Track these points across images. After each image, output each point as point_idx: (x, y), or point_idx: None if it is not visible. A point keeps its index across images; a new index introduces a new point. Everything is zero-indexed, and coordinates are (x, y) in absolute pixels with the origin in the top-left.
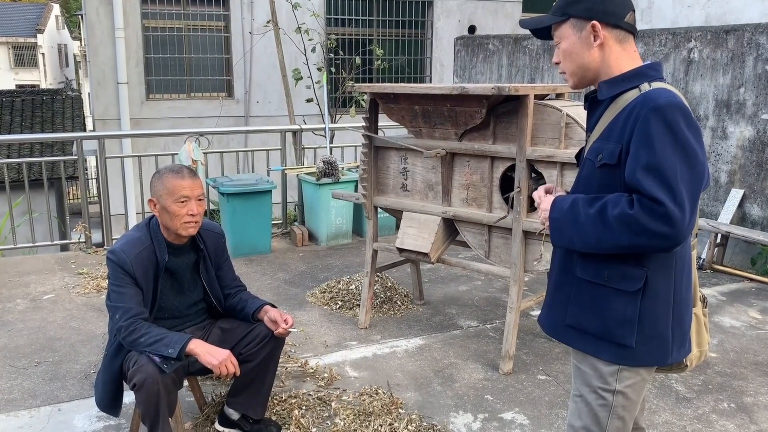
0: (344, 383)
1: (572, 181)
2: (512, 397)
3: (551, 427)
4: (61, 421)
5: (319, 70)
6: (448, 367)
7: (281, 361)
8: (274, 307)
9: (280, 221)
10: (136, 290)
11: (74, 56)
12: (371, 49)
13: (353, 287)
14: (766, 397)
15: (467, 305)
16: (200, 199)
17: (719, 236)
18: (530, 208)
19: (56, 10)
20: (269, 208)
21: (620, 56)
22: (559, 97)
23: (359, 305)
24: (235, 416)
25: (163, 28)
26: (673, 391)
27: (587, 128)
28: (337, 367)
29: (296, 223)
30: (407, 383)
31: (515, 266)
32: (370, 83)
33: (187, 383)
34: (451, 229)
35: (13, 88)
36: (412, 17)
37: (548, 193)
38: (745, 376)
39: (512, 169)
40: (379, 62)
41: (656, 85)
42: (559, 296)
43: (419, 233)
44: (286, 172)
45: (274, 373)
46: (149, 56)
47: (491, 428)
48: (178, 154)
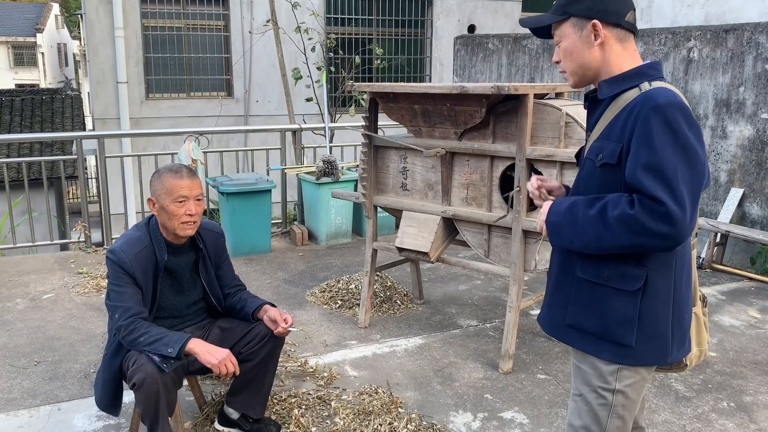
0: (344, 382)
1: (572, 180)
2: (512, 396)
3: (551, 426)
4: (60, 420)
5: (318, 69)
6: (447, 366)
7: (281, 360)
8: (273, 306)
9: (279, 220)
10: (135, 290)
11: (74, 55)
12: (371, 48)
13: (353, 286)
14: (765, 396)
15: (467, 304)
16: (199, 199)
17: (719, 235)
18: (530, 207)
19: (56, 9)
20: (269, 207)
21: (621, 55)
22: (558, 96)
23: (359, 304)
24: (234, 415)
25: (162, 27)
26: (672, 390)
27: (587, 127)
28: (336, 366)
29: (296, 222)
30: (407, 382)
31: (515, 265)
32: (369, 82)
33: (186, 382)
34: (450, 228)
35: (12, 87)
36: (411, 16)
37: (541, 182)
38: (744, 375)
39: (512, 168)
40: (378, 61)
41: (656, 84)
42: (558, 296)
43: (419, 232)
44: (285, 171)
45: (273, 372)
46: (149, 55)
47: (491, 427)
48: (177, 153)
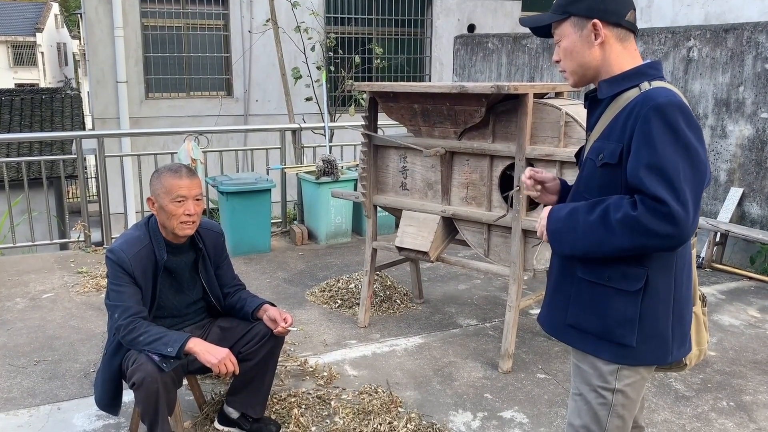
0: (344, 382)
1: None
2: (511, 395)
3: (550, 425)
4: (60, 419)
5: (318, 68)
6: (447, 365)
7: (280, 359)
8: (273, 305)
9: (279, 220)
10: (135, 289)
11: (73, 55)
12: (370, 47)
13: (353, 286)
14: (764, 395)
15: (466, 304)
16: (198, 198)
17: (718, 235)
18: (529, 206)
19: (55, 8)
20: (268, 206)
21: (621, 55)
22: (558, 95)
23: (359, 304)
24: (234, 415)
25: (162, 26)
26: (672, 389)
27: (587, 127)
28: (336, 365)
29: (296, 221)
30: (406, 382)
31: (514, 265)
32: (369, 82)
33: (186, 382)
34: (450, 227)
35: (12, 87)
36: (411, 16)
37: (534, 173)
38: (744, 374)
39: (511, 167)
40: (378, 61)
41: (656, 84)
42: (559, 296)
43: (419, 232)
44: (285, 170)
45: (273, 371)
46: (148, 55)
47: (490, 427)
48: (177, 152)
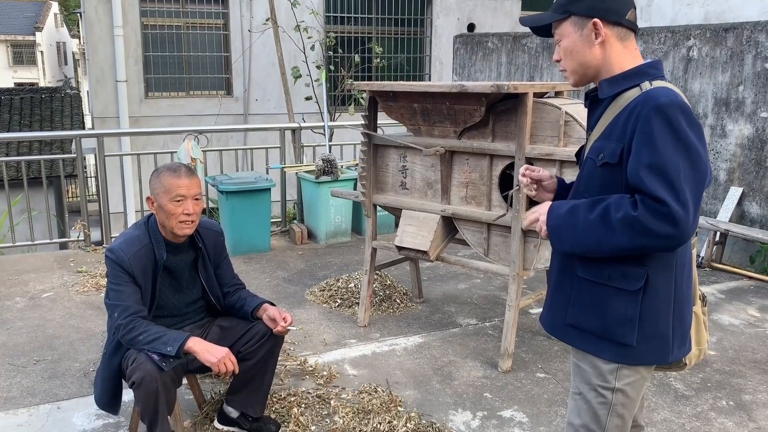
0: (343, 381)
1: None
2: (511, 395)
3: (550, 425)
4: (60, 419)
5: (318, 68)
6: (447, 365)
7: (280, 359)
8: (273, 305)
9: (279, 219)
10: (134, 288)
11: (73, 54)
12: (370, 47)
13: (352, 285)
14: (764, 394)
15: (466, 303)
16: (197, 198)
17: (718, 234)
18: (529, 206)
19: (55, 8)
20: (268, 206)
21: (621, 54)
22: (558, 95)
23: (358, 303)
24: (234, 414)
25: (162, 26)
26: (671, 388)
27: (588, 127)
28: (336, 365)
29: (295, 221)
30: (406, 381)
31: (514, 264)
32: (369, 81)
33: (186, 381)
34: (450, 227)
35: (11, 86)
36: (411, 15)
37: (529, 171)
38: (743, 373)
39: (511, 167)
40: (378, 60)
41: (657, 83)
42: (559, 296)
43: (418, 231)
44: (285, 170)
45: (273, 371)
46: (148, 54)
47: (490, 426)
48: (177, 152)
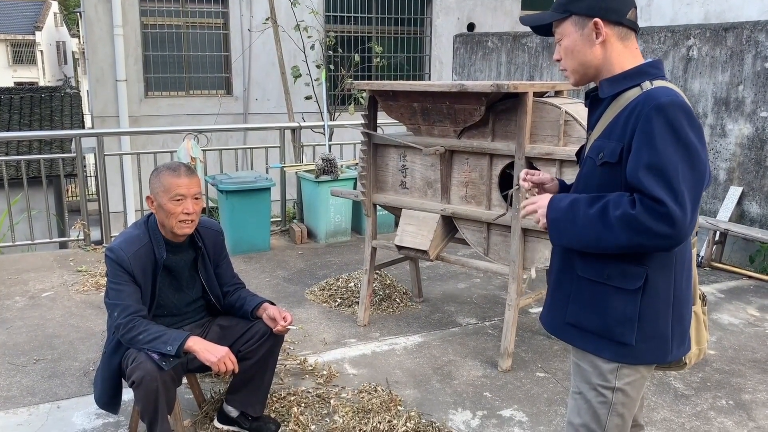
0: (343, 380)
1: (571, 179)
2: (511, 394)
3: (550, 424)
4: (60, 418)
5: (318, 67)
6: (446, 364)
7: (280, 358)
8: (272, 304)
9: (279, 219)
10: (134, 288)
11: (73, 53)
12: (370, 46)
13: (352, 285)
14: (764, 394)
15: (466, 303)
16: (197, 197)
17: (718, 234)
18: None
19: (55, 7)
20: (268, 205)
21: (622, 54)
22: (558, 94)
23: (358, 303)
24: (234, 413)
25: (161, 25)
26: (671, 388)
27: (588, 126)
28: (336, 364)
29: (295, 220)
30: (406, 380)
31: (514, 263)
32: (369, 81)
33: (185, 380)
34: (450, 226)
35: (11, 85)
36: (411, 14)
37: (529, 175)
38: (743, 373)
39: (511, 166)
40: (378, 60)
41: (658, 83)
42: (558, 295)
43: (418, 231)
44: (285, 169)
45: (273, 370)
46: (148, 53)
47: (490, 425)
48: (176, 151)
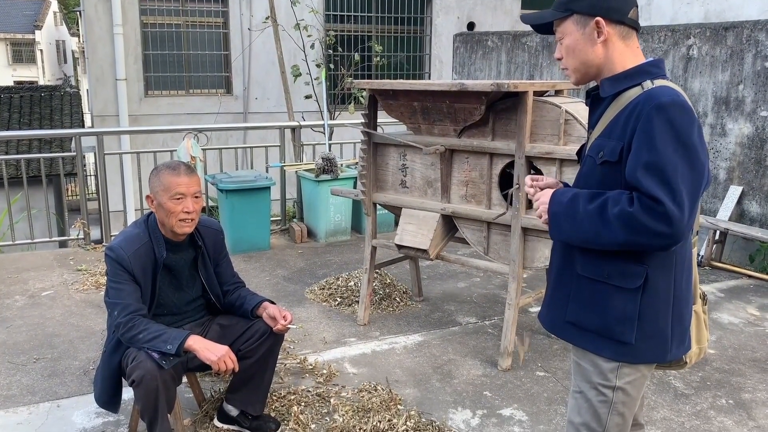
0: (343, 380)
1: (571, 178)
2: (511, 393)
3: (550, 423)
4: (59, 417)
5: (318, 66)
6: (446, 363)
7: (280, 357)
8: (273, 303)
9: (278, 218)
10: (134, 287)
11: (72, 53)
12: (370, 45)
13: (352, 284)
14: (763, 393)
15: (466, 302)
16: (196, 196)
17: (718, 233)
18: (529, 204)
19: (54, 6)
20: (268, 204)
21: (623, 53)
22: (558, 93)
23: (358, 302)
24: (234, 412)
25: (161, 24)
26: (671, 387)
27: (589, 125)
28: (336, 363)
29: (295, 219)
30: (406, 379)
31: (514, 263)
32: (369, 80)
33: (185, 379)
34: (450, 225)
35: (11, 84)
36: (411, 14)
37: (535, 182)
38: (743, 372)
39: (511, 165)
40: (378, 59)
41: (659, 82)
42: (558, 293)
43: (418, 230)
44: (285, 168)
45: (273, 369)
46: (148, 53)
47: (490, 424)
48: (176, 150)
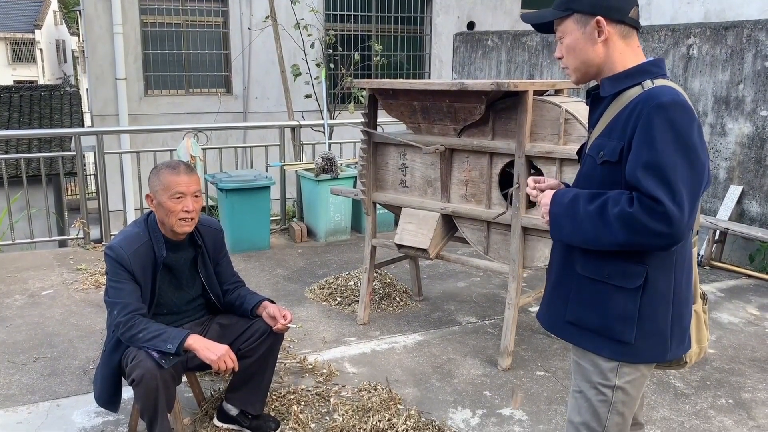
0: (343, 379)
1: (571, 177)
2: (511, 393)
3: (549, 422)
4: (59, 416)
5: (317, 66)
6: (446, 363)
7: (280, 356)
8: (272, 302)
9: (278, 217)
10: (134, 286)
11: (72, 52)
12: (370, 45)
13: (352, 283)
14: (763, 393)
15: (466, 301)
16: (196, 195)
17: (718, 233)
18: (529, 204)
19: (54, 5)
20: (268, 204)
21: (624, 52)
22: (558, 93)
23: (358, 301)
24: (233, 412)
25: (161, 23)
26: (671, 387)
27: (589, 125)
28: (335, 363)
29: (295, 219)
30: (406, 379)
31: (514, 262)
32: (369, 79)
33: (185, 379)
34: (449, 225)
35: (11, 83)
36: (411, 13)
37: (537, 184)
38: (743, 372)
39: (511, 165)
40: (378, 58)
41: (659, 82)
42: (558, 293)
43: (418, 229)
44: (284, 168)
45: (272, 368)
46: (147, 52)
47: (489, 424)
48: (176, 150)
